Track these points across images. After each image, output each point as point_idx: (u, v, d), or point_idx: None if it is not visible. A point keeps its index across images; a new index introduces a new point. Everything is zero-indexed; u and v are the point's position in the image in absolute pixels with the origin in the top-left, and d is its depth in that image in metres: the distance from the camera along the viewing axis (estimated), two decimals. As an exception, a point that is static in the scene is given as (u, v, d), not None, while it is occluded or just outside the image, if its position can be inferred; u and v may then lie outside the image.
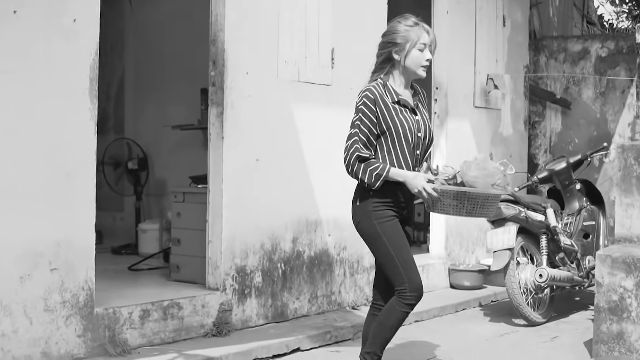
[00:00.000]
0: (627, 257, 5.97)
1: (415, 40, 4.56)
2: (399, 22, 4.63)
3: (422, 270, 8.10)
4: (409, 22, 4.61)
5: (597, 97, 9.49)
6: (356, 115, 4.59)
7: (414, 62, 4.60)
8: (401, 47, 4.57)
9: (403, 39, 4.57)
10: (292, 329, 6.31)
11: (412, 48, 4.57)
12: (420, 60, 4.61)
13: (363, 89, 4.61)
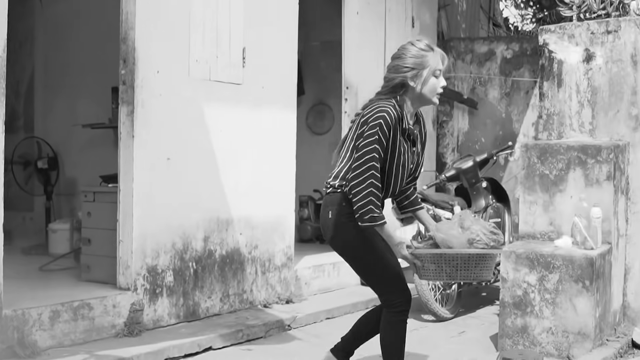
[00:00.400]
0: (531, 253, 6.15)
1: (433, 67, 4.38)
2: (413, 44, 4.43)
3: (333, 268, 8.20)
4: (423, 45, 4.41)
5: (503, 97, 9.72)
6: (373, 133, 4.24)
7: (430, 90, 4.40)
8: (418, 74, 4.38)
9: (419, 65, 4.37)
10: (204, 328, 6.32)
11: (430, 75, 4.38)
12: (436, 88, 4.42)
13: (379, 106, 4.32)
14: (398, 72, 4.39)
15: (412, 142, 4.46)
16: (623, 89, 6.79)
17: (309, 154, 10.71)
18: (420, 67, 4.36)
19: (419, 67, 4.36)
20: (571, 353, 5.98)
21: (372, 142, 4.21)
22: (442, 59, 4.42)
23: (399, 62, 4.41)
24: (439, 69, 4.40)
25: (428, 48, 4.39)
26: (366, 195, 4.17)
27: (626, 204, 6.72)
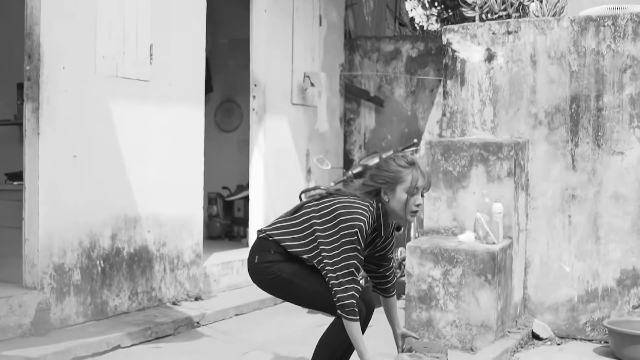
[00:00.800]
0: (435, 248, 6.30)
1: (407, 185, 4.37)
2: (394, 160, 4.43)
3: (242, 264, 8.23)
4: (404, 162, 4.41)
5: (408, 95, 9.89)
6: (352, 231, 4.26)
7: (399, 206, 4.39)
8: (390, 188, 4.39)
9: (393, 180, 4.38)
10: (112, 326, 6.28)
11: (402, 191, 4.37)
12: (410, 205, 4.40)
13: (358, 209, 4.32)
14: (373, 181, 4.43)
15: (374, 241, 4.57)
16: (523, 88, 7.01)
17: (218, 151, 10.71)
18: (394, 182, 4.37)
19: (392, 182, 4.37)
20: (474, 345, 6.15)
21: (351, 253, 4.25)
22: (420, 175, 4.38)
23: (377, 172, 4.45)
24: (416, 187, 4.37)
25: (407, 165, 4.39)
26: (350, 296, 4.24)
27: (526, 200, 6.94)
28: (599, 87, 6.75)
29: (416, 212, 4.42)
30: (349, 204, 4.35)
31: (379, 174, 4.41)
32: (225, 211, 10.67)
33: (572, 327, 6.83)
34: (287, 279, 4.46)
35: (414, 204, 4.38)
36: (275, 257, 4.47)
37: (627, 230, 6.65)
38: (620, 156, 6.69)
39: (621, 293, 6.68)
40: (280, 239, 4.48)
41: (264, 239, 4.54)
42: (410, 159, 4.42)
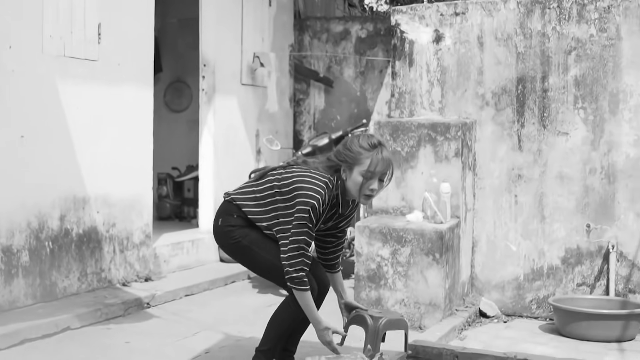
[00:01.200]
0: (384, 227, 6.37)
1: (364, 168, 4.33)
2: (359, 140, 4.38)
3: (192, 245, 8.24)
4: (366, 144, 4.36)
5: (358, 76, 9.94)
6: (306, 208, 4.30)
7: (354, 187, 4.36)
8: (349, 167, 4.37)
9: (352, 160, 4.35)
10: (62, 307, 6.25)
11: (358, 174, 4.34)
12: (363, 188, 4.36)
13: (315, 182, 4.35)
14: (336, 158, 4.41)
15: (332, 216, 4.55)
16: (470, 69, 7.09)
17: (167, 132, 10.67)
18: (352, 162, 4.34)
19: (350, 162, 4.34)
20: (423, 323, 6.24)
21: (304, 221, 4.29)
22: (378, 161, 4.32)
23: (341, 148, 4.42)
24: (372, 172, 4.32)
25: (369, 147, 4.35)
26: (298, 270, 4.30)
27: (473, 180, 7.03)
28: (545, 69, 6.86)
29: (370, 196, 4.39)
30: (308, 178, 4.37)
31: (341, 151, 4.39)
32: (175, 192, 10.64)
33: (519, 305, 6.96)
34: (247, 246, 4.51)
35: (368, 188, 4.35)
36: (238, 222, 4.53)
37: (572, 210, 6.79)
38: (565, 137, 6.81)
39: (566, 271, 6.82)
40: (243, 204, 4.55)
41: (229, 202, 4.61)
42: (374, 142, 4.37)
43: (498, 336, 6.33)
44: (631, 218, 6.63)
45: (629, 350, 5.95)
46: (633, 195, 6.62)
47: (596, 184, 6.72)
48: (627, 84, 6.64)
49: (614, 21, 6.68)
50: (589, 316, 6.18)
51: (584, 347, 6.01)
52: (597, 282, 6.73)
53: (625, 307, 6.38)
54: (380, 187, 4.40)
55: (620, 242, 6.66)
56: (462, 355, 5.25)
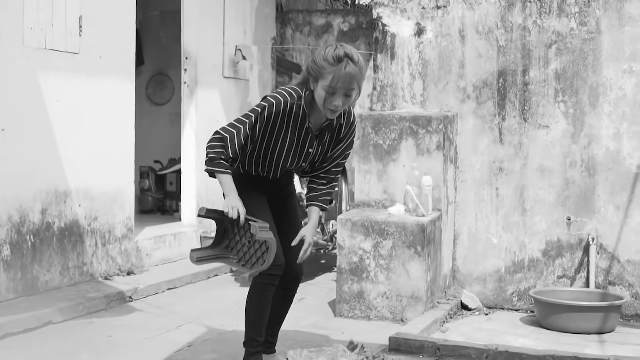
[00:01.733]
0: (366, 220, 6.39)
1: (325, 82, 4.11)
2: (324, 50, 4.17)
3: (174, 238, 8.24)
4: (330, 55, 4.12)
5: (340, 69, 9.94)
6: (258, 105, 4.24)
7: (319, 101, 4.18)
8: (314, 80, 4.18)
9: (315, 72, 4.16)
10: (44, 301, 6.24)
11: (321, 87, 4.14)
12: (327, 102, 4.16)
13: (278, 91, 4.28)
14: (306, 71, 4.26)
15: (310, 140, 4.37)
16: (452, 63, 7.11)
17: (149, 125, 10.65)
18: (315, 75, 4.17)
19: (315, 75, 4.17)
20: (405, 316, 6.27)
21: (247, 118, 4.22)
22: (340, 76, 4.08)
23: (309, 59, 4.29)
24: (332, 87, 4.10)
25: (332, 60, 4.11)
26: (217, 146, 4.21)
27: (455, 173, 7.06)
28: (526, 62, 6.89)
29: (334, 110, 4.18)
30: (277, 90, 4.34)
31: (309, 63, 4.22)
32: (157, 185, 10.63)
33: (500, 297, 7.00)
34: None
35: (332, 103, 4.15)
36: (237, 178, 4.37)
37: (552, 203, 6.83)
38: (545, 130, 6.84)
39: (546, 264, 6.86)
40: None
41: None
42: (340, 54, 4.11)
43: (479, 328, 6.37)
44: (611, 210, 6.68)
45: (609, 342, 5.99)
46: (613, 188, 6.67)
47: (576, 176, 6.76)
48: (606, 77, 6.68)
49: (594, 15, 6.71)
50: (570, 308, 6.22)
51: (564, 338, 6.05)
52: (577, 274, 6.78)
53: (605, 299, 6.43)
54: (347, 102, 4.18)
55: (600, 235, 6.70)
56: (443, 348, 5.28)
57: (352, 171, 7.97)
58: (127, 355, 5.26)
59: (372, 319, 6.34)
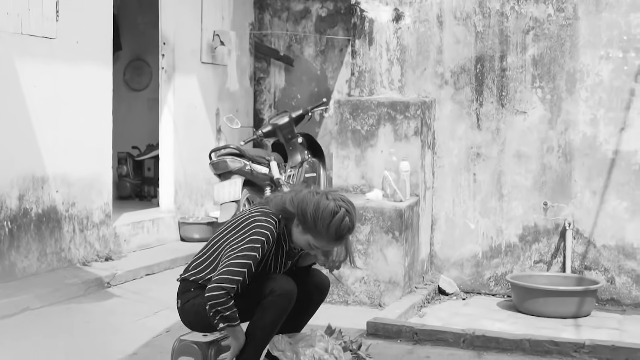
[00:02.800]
0: (344, 206, 6.39)
1: (315, 242, 3.98)
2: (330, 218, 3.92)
3: (152, 224, 8.22)
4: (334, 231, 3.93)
5: (318, 55, 9.93)
6: (250, 248, 3.92)
7: (299, 244, 4.07)
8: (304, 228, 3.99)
9: (308, 229, 3.97)
10: (21, 288, 6.21)
11: (306, 241, 4.01)
12: (309, 251, 4.11)
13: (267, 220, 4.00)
14: (296, 208, 4.03)
15: (287, 256, 4.23)
16: (430, 48, 7.12)
17: (127, 111, 10.60)
18: (304, 227, 3.99)
19: (303, 226, 4.00)
20: (382, 301, 6.30)
21: (249, 259, 3.92)
22: (334, 249, 4.07)
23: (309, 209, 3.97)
24: (318, 249, 4.05)
25: (335, 237, 3.96)
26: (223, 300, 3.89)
27: (433, 158, 7.08)
28: (503, 48, 6.92)
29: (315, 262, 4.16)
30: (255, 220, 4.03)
31: (307, 212, 3.97)
32: (135, 171, 10.59)
33: (477, 282, 7.04)
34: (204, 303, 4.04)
35: (314, 255, 4.15)
36: (197, 293, 4.14)
37: (529, 188, 6.87)
38: (522, 115, 6.88)
39: (523, 249, 6.91)
40: (194, 272, 4.20)
41: (183, 281, 4.29)
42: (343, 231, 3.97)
43: (457, 313, 6.41)
44: (587, 196, 6.73)
45: (584, 326, 6.05)
46: (589, 173, 6.72)
47: (553, 162, 6.81)
48: (584, 63, 6.72)
49: (572, 1, 6.74)
50: (546, 293, 6.27)
51: (541, 323, 6.10)
52: (553, 259, 6.83)
53: (581, 284, 6.49)
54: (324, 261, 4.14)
55: (577, 220, 6.75)
56: (421, 332, 5.31)
57: (331, 157, 7.98)
58: (106, 340, 5.26)
59: (350, 304, 6.37)
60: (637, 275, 6.64)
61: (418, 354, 5.06)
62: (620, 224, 6.67)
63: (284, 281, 4.04)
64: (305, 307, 4.31)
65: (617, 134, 6.66)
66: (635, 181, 6.62)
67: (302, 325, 4.40)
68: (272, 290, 3.98)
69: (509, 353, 5.08)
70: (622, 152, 6.65)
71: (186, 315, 4.26)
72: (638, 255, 6.64)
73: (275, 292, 3.98)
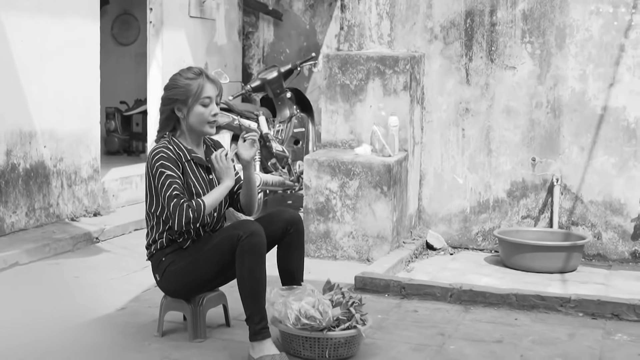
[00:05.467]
0: (332, 161, 6.41)
1: (198, 94, 4.18)
2: (180, 74, 4.25)
3: (141, 179, 8.21)
4: (190, 74, 4.23)
5: (307, 9, 9.86)
6: (160, 176, 4.10)
7: (198, 120, 4.22)
8: (183, 103, 4.19)
9: (183, 95, 4.18)
10: (10, 243, 6.21)
11: (194, 103, 4.19)
12: (207, 117, 4.21)
13: (153, 149, 4.19)
14: (165, 104, 4.25)
15: (207, 169, 4.31)
16: (419, 2, 7.08)
17: (115, 65, 10.54)
18: (184, 96, 4.19)
19: (182, 97, 4.19)
20: (371, 255, 6.33)
21: (168, 186, 4.08)
22: (211, 84, 4.23)
23: (166, 93, 4.26)
24: (208, 96, 4.21)
25: (194, 75, 4.23)
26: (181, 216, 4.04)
27: (422, 113, 7.08)
28: (493, 3, 6.88)
29: (214, 121, 4.26)
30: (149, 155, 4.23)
31: (169, 94, 4.23)
32: (124, 126, 10.56)
33: (465, 237, 7.07)
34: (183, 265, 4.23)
35: (211, 115, 4.23)
36: (169, 260, 4.24)
37: (518, 144, 6.88)
38: (512, 71, 6.86)
39: (511, 204, 6.94)
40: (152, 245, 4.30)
41: (152, 258, 4.34)
42: (197, 69, 4.26)
43: (444, 268, 6.45)
44: (575, 152, 6.74)
45: (571, 281, 6.10)
46: (578, 129, 6.73)
47: (542, 118, 6.81)
48: (573, 18, 6.69)
49: (562, -45, 6.70)
50: (533, 248, 6.31)
51: (527, 278, 6.15)
52: (541, 214, 6.86)
53: (568, 239, 6.53)
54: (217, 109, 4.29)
55: (565, 176, 6.78)
56: (408, 287, 5.35)
57: (319, 112, 7.97)
58: (95, 295, 5.28)
59: (338, 259, 6.39)
60: (623, 231, 6.69)
61: (406, 308, 5.10)
62: (608, 179, 6.69)
63: (246, 224, 4.09)
64: (287, 249, 4.39)
65: (606, 90, 6.66)
66: (623, 137, 6.64)
67: (297, 275, 4.43)
68: (239, 237, 4.02)
69: (495, 307, 5.12)
70: (610, 108, 6.65)
71: (168, 284, 4.32)
72: (625, 211, 6.68)
73: (242, 237, 4.01)
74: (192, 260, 4.20)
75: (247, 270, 4.02)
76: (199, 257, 4.19)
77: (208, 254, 4.17)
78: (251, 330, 4.04)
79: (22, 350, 4.18)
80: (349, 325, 4.08)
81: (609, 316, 4.95)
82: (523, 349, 4.38)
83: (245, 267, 4.03)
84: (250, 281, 4.02)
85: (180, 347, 4.28)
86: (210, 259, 4.18)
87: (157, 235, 4.28)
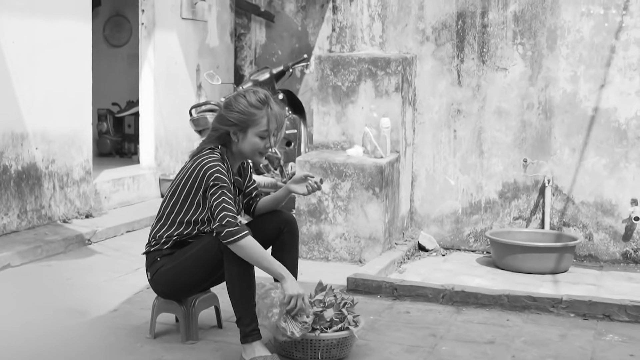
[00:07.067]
0: (324, 162, 6.41)
1: (259, 128, 4.06)
2: (246, 97, 4.08)
3: (133, 181, 8.21)
4: (255, 100, 4.06)
5: (299, 10, 9.85)
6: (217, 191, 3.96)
7: (250, 149, 4.11)
8: (241, 130, 4.08)
9: (244, 123, 4.06)
10: (1, 245, 6.19)
11: (253, 135, 4.08)
12: (259, 147, 4.11)
13: (208, 161, 4.02)
14: (221, 124, 4.12)
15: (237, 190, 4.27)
16: (411, 4, 7.09)
17: (107, 67, 10.53)
18: (245, 125, 4.07)
19: (242, 125, 4.07)
20: (363, 257, 6.33)
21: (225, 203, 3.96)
22: (273, 117, 4.09)
23: (225, 113, 4.12)
24: (267, 130, 4.08)
25: (259, 104, 4.07)
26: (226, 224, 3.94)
27: (413, 115, 7.09)
28: (485, 4, 6.90)
29: (265, 153, 4.19)
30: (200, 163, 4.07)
31: (228, 115, 4.09)
32: (116, 128, 10.55)
33: (457, 239, 7.09)
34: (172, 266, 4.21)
35: (265, 147, 4.13)
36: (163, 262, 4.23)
37: (509, 145, 6.89)
38: (503, 72, 6.88)
39: (503, 205, 6.96)
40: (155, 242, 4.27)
41: (148, 254, 4.33)
42: (262, 97, 4.10)
43: (436, 269, 6.46)
44: (567, 153, 6.76)
45: (562, 282, 6.12)
46: (569, 130, 6.75)
47: (533, 119, 6.83)
48: (565, 20, 6.71)
49: (553, -43, 6.72)
50: (525, 249, 6.33)
51: (519, 278, 6.17)
52: (533, 215, 6.88)
53: (559, 240, 6.55)
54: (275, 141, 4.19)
55: (556, 177, 6.80)
56: (400, 288, 5.35)
57: (311, 113, 7.97)
58: (87, 297, 5.27)
59: (330, 260, 6.40)
60: (614, 232, 6.71)
61: (398, 309, 5.11)
62: (599, 180, 6.71)
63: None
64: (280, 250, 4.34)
65: (597, 91, 6.68)
66: (614, 138, 6.66)
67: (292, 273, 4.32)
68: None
69: (487, 308, 5.13)
70: (601, 109, 6.68)
71: (158, 285, 4.31)
72: (616, 211, 6.70)
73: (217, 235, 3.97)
74: (180, 261, 4.19)
75: (235, 273, 3.99)
76: (187, 258, 4.18)
77: (196, 256, 4.16)
78: (242, 333, 4.03)
79: (13, 351, 4.17)
80: (341, 327, 4.09)
81: (601, 317, 4.96)
82: (515, 349, 4.39)
83: (233, 270, 3.99)
84: (239, 283, 4.00)
85: (173, 349, 4.28)
86: (198, 260, 4.16)
87: (164, 235, 4.24)
